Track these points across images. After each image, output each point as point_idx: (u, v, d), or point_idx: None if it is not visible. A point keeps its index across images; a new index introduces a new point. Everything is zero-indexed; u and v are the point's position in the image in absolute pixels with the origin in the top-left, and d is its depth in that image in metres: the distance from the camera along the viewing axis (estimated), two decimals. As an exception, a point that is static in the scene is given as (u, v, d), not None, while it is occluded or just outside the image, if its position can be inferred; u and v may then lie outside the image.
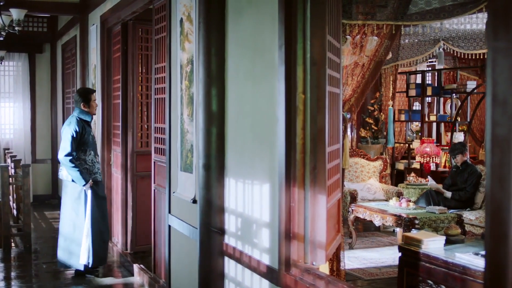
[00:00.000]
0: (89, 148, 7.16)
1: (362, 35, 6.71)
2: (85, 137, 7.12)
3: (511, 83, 1.59)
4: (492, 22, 1.69)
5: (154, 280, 6.56)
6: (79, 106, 7.24)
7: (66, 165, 7.04)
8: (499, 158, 1.65)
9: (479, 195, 8.85)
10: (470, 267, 4.72)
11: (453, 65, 13.85)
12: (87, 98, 7.26)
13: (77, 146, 7.06)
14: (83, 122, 7.18)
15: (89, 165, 7.14)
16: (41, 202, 13.41)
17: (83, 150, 7.11)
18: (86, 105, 7.22)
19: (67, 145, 7.02)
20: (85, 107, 7.22)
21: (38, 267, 8.00)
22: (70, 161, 6.99)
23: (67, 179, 7.21)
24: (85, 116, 7.22)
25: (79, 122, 7.13)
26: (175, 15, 5.77)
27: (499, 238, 1.65)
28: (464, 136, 11.70)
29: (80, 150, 7.09)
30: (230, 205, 4.69)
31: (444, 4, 7.29)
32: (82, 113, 7.22)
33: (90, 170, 7.13)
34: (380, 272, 7.57)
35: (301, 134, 3.81)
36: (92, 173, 7.14)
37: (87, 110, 7.23)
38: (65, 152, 7.01)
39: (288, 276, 3.79)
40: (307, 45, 3.78)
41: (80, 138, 7.08)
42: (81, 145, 7.09)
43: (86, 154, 7.14)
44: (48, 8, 10.47)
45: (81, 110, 7.23)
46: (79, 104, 7.24)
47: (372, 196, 9.96)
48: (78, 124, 7.09)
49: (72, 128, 7.06)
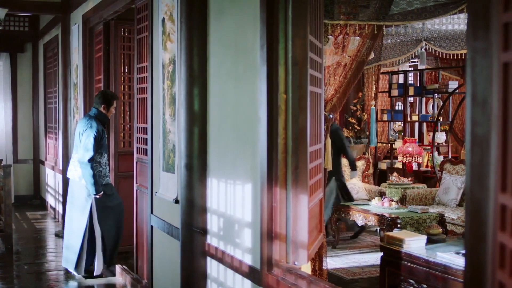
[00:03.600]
0: (104, 151, 7.07)
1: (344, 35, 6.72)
2: (103, 140, 7.06)
3: (490, 83, 1.59)
4: (472, 23, 1.70)
5: (136, 281, 6.54)
6: (98, 107, 7.13)
7: (85, 168, 6.86)
8: (479, 158, 1.66)
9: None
10: (451, 266, 4.74)
11: (435, 65, 13.90)
12: (110, 103, 7.14)
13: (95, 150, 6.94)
14: (101, 123, 7.09)
15: (103, 168, 7.06)
16: (23, 203, 13.32)
17: (99, 153, 7.00)
18: (106, 108, 7.12)
19: (90, 147, 6.87)
20: (105, 110, 7.13)
21: (20, 268, 7.95)
22: (91, 167, 6.86)
23: (79, 181, 7.07)
24: (103, 118, 7.13)
25: (98, 123, 7.02)
26: (157, 15, 5.75)
27: (478, 237, 1.66)
28: (446, 135, 11.76)
29: (97, 153, 6.98)
30: (212, 205, 4.69)
31: (426, 5, 7.32)
32: (101, 115, 7.12)
33: (104, 173, 7.07)
34: (363, 271, 7.59)
35: (283, 134, 3.81)
36: (105, 176, 7.07)
37: (105, 113, 7.15)
38: (89, 155, 6.84)
39: (270, 276, 3.79)
40: (289, 45, 3.78)
41: (100, 140, 6.99)
42: (98, 147, 6.97)
43: (101, 157, 7.05)
44: (30, 7, 10.41)
45: (100, 112, 7.12)
46: (99, 105, 7.12)
47: (355, 195, 9.97)
48: (99, 125, 7.00)
49: (94, 130, 6.91)
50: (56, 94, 11.13)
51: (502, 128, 1.52)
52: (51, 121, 11.96)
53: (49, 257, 8.69)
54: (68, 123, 9.97)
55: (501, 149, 1.53)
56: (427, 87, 12.17)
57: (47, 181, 12.63)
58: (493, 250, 1.57)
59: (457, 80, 12.54)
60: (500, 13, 1.53)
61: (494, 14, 1.57)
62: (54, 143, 11.52)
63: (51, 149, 12.03)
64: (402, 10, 7.32)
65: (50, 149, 12.16)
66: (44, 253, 8.94)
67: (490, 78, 1.59)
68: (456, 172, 9.57)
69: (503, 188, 1.52)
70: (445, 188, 9.54)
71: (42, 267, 8.04)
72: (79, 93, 9.21)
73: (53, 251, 9.12)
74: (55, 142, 11.45)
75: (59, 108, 10.59)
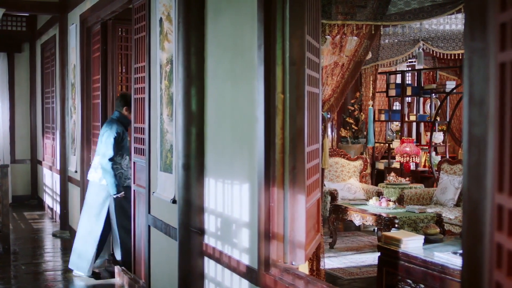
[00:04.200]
0: (125, 153, 7.08)
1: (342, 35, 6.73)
2: (124, 141, 7.08)
3: (487, 83, 1.59)
4: (469, 23, 1.70)
5: (134, 281, 6.53)
6: (120, 110, 7.17)
7: (106, 169, 6.93)
8: (476, 158, 1.66)
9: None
10: (448, 266, 4.75)
11: (433, 65, 13.92)
12: (131, 104, 7.18)
13: (116, 151, 6.99)
14: (123, 126, 7.12)
15: (124, 170, 7.07)
16: (20, 203, 13.30)
17: (120, 155, 7.03)
18: (128, 110, 7.10)
19: (110, 148, 6.94)
20: (127, 111, 7.13)
21: (17, 268, 7.94)
22: (112, 167, 6.92)
23: (99, 182, 7.11)
24: (125, 120, 7.14)
25: (119, 125, 7.06)
26: (154, 15, 5.75)
27: (476, 237, 1.66)
28: (443, 135, 11.77)
29: (118, 155, 7.01)
30: (210, 205, 4.68)
31: (423, 5, 7.33)
32: (122, 117, 7.15)
33: (125, 175, 7.07)
34: (360, 271, 7.59)
35: (280, 134, 3.81)
36: (126, 178, 7.08)
37: (126, 115, 7.15)
38: (109, 156, 6.91)
39: (268, 276, 3.79)
40: (286, 45, 3.78)
41: (120, 141, 7.02)
42: (119, 149, 7.02)
43: (122, 158, 7.06)
44: (27, 7, 10.38)
45: (121, 115, 7.15)
46: (120, 108, 7.17)
47: (352, 195, 9.99)
48: (119, 127, 7.03)
49: (114, 131, 6.97)
50: (54, 94, 11.11)
51: (499, 128, 1.52)
52: (48, 121, 11.94)
53: (46, 257, 8.68)
54: (66, 123, 9.97)
55: (498, 149, 1.53)
56: (424, 87, 12.19)
57: (44, 181, 12.62)
58: (490, 250, 1.57)
59: (455, 80, 12.57)
60: (497, 13, 1.53)
61: (491, 14, 1.57)
62: (52, 143, 11.50)
63: (48, 149, 12.01)
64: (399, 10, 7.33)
65: (47, 149, 12.15)
66: (42, 253, 8.93)
67: (487, 78, 1.59)
68: (453, 172, 9.58)
69: (500, 188, 1.52)
70: (443, 188, 9.54)
71: (40, 267, 8.03)
72: (77, 93, 9.20)
73: (50, 251, 9.11)
74: (52, 142, 11.43)
75: (57, 108, 10.57)
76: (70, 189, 9.87)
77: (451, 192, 9.37)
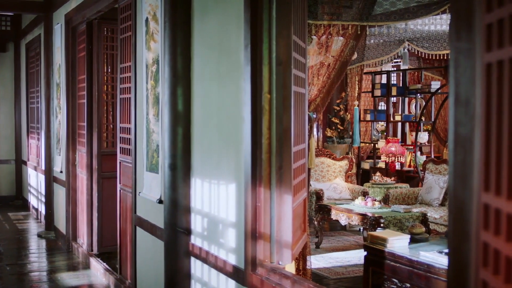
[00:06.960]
0: None
1: (328, 35, 6.74)
2: None
3: (473, 83, 1.60)
4: (454, 23, 1.71)
5: (120, 281, 6.52)
6: None
7: None
8: (462, 158, 1.67)
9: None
10: (434, 265, 4.77)
11: (418, 65, 13.98)
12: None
13: None
14: None
15: None
16: (5, 203, 13.23)
17: None
18: None
19: None
20: None
21: (2, 269, 7.89)
22: None
23: None
24: None
25: None
26: (140, 15, 5.74)
27: (462, 236, 1.67)
28: (428, 135, 11.82)
29: None
30: (196, 205, 4.68)
31: (409, 5, 7.36)
32: None
33: None
34: (346, 271, 7.61)
35: (267, 134, 3.82)
36: None
37: None
38: None
39: (254, 275, 3.79)
40: (272, 45, 3.79)
41: None
42: None
43: None
44: (12, 6, 10.33)
45: None
46: None
47: (338, 195, 10.01)
48: None
49: None
50: (39, 94, 11.05)
51: (485, 128, 1.53)
52: (33, 121, 11.88)
53: (31, 258, 8.63)
54: (51, 123, 9.92)
55: (484, 149, 1.54)
56: (409, 87, 12.24)
57: (29, 181, 12.55)
58: (477, 249, 1.58)
59: (440, 80, 12.63)
60: (483, 14, 1.54)
61: (477, 14, 1.58)
62: (37, 143, 11.44)
63: (33, 149, 11.95)
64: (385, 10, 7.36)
65: (32, 149, 12.09)
66: (27, 254, 8.88)
67: (473, 79, 1.61)
68: (438, 172, 9.62)
69: (486, 187, 1.53)
70: (428, 187, 9.59)
71: (25, 268, 7.99)
72: (62, 93, 9.16)
73: (35, 252, 9.07)
74: (37, 142, 11.37)
75: (42, 108, 10.52)
76: (55, 190, 9.82)
77: (436, 192, 9.42)
